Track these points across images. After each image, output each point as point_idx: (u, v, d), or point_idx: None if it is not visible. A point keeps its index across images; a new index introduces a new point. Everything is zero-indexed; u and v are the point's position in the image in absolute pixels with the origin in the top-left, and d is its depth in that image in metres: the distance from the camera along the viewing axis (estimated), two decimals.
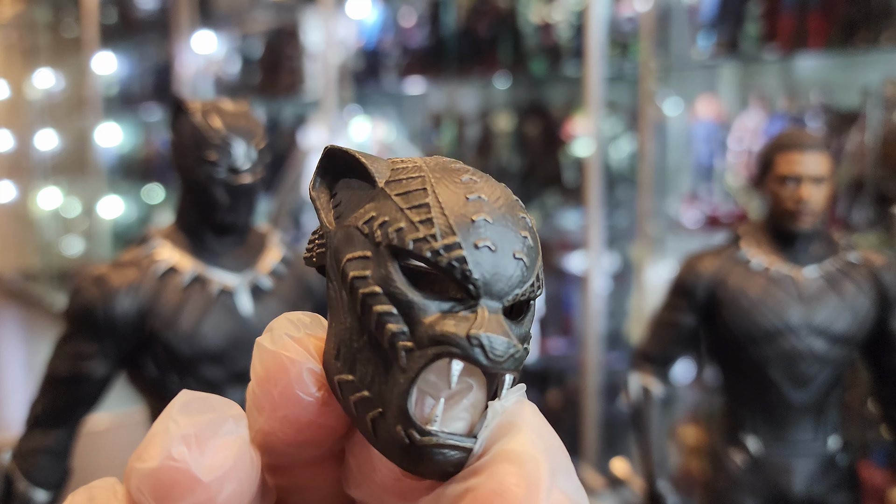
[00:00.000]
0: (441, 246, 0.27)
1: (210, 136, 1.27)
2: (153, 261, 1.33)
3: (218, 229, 1.33)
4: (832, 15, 2.31)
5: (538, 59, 3.10)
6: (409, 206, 0.27)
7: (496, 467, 0.25)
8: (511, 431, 0.26)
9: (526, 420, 0.27)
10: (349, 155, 0.30)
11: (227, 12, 4.68)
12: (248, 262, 1.36)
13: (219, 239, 1.35)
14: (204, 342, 1.31)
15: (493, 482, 0.25)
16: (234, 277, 1.34)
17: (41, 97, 6.54)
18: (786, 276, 1.54)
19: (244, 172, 1.28)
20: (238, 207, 1.30)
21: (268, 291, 1.36)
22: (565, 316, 3.21)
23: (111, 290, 1.29)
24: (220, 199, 1.29)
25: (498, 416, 0.27)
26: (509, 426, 0.27)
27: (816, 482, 1.54)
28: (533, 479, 0.25)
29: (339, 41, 3.79)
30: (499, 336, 0.26)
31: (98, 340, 1.29)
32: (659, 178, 2.75)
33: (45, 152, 6.40)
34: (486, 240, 0.27)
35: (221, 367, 1.33)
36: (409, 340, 0.26)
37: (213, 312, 1.32)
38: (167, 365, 1.31)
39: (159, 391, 1.33)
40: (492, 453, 0.26)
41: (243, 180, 1.28)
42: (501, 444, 0.26)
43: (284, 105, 4.51)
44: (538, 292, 0.29)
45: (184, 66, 4.83)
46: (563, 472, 0.26)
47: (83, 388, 1.31)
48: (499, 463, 0.25)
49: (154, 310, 1.30)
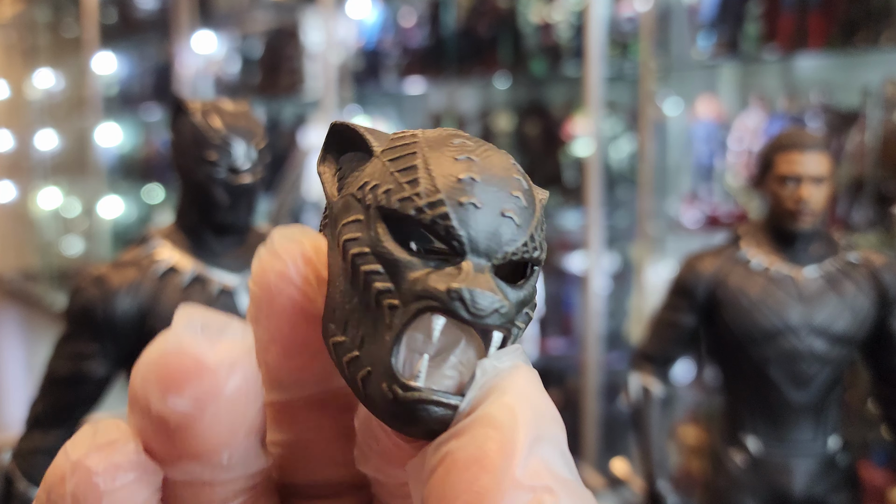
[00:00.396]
0: (425, 203, 0.27)
1: (210, 136, 1.27)
2: (153, 261, 1.33)
3: (218, 229, 1.34)
4: (832, 15, 2.31)
5: (538, 59, 3.10)
6: (398, 169, 0.28)
7: (476, 431, 0.24)
8: (497, 393, 0.25)
9: (516, 383, 0.25)
10: (352, 129, 0.30)
11: (227, 12, 4.68)
12: (248, 262, 1.36)
13: (219, 239, 1.35)
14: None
15: (472, 447, 0.24)
16: (234, 277, 1.35)
17: (41, 97, 6.54)
18: (786, 276, 1.54)
19: (244, 172, 1.28)
20: (238, 207, 1.31)
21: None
22: (565, 316, 3.21)
23: (111, 290, 1.29)
24: (220, 199, 1.29)
25: (487, 375, 0.26)
26: (498, 388, 0.25)
27: (816, 482, 1.54)
28: (510, 445, 0.24)
29: (339, 41, 3.79)
30: (482, 290, 0.26)
31: (98, 340, 1.29)
32: (659, 178, 2.75)
33: (45, 152, 6.40)
34: (472, 197, 0.27)
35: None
36: (394, 298, 0.26)
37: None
38: None
39: None
40: (474, 416, 0.25)
41: (243, 180, 1.28)
42: (484, 407, 0.25)
43: (284, 105, 4.51)
44: (536, 255, 0.28)
45: (184, 66, 4.83)
46: (549, 441, 0.24)
47: (83, 388, 1.31)
48: (479, 427, 0.24)
49: (154, 310, 1.30)
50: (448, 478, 0.24)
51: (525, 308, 0.28)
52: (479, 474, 0.24)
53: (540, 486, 0.23)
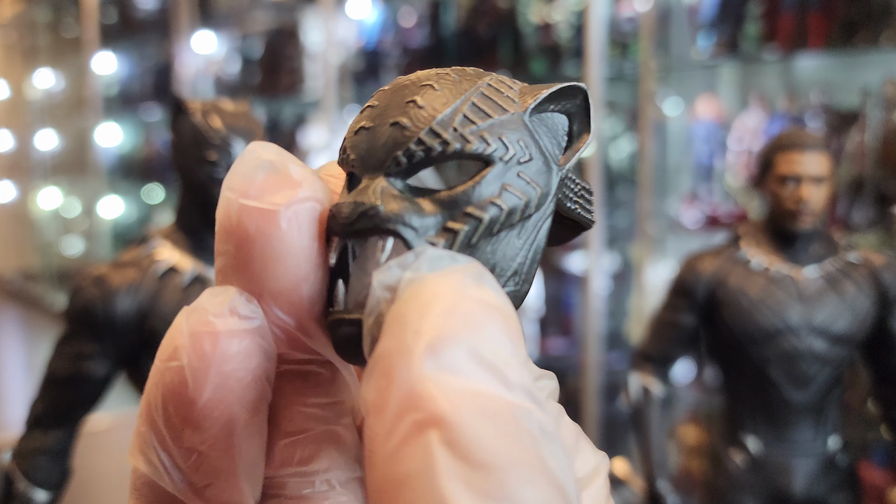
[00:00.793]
0: (341, 152, 0.28)
1: (210, 136, 1.27)
2: (153, 261, 1.33)
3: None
4: (832, 15, 2.31)
5: (538, 59, 3.10)
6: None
7: (379, 344, 0.22)
8: (391, 304, 0.23)
9: (408, 289, 0.22)
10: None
11: (227, 12, 4.68)
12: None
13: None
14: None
15: (367, 369, 0.21)
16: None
17: (41, 97, 6.54)
18: (786, 276, 1.54)
19: None
20: None
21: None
22: (565, 316, 3.21)
23: (111, 291, 1.29)
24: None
25: (383, 285, 0.23)
26: (397, 296, 0.23)
27: (816, 482, 1.54)
28: (390, 363, 0.21)
29: (339, 41, 3.79)
30: (349, 201, 0.26)
31: (98, 340, 1.30)
32: (659, 178, 2.75)
33: (45, 152, 6.40)
34: (364, 121, 0.28)
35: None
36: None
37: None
38: None
39: None
40: (368, 330, 0.23)
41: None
42: (381, 319, 0.23)
43: (284, 105, 4.51)
44: (451, 148, 0.26)
45: (184, 66, 4.83)
46: (458, 342, 0.20)
47: (83, 388, 1.31)
48: (373, 344, 0.23)
49: (154, 310, 1.30)
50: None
51: (462, 208, 0.26)
52: (367, 409, 0.21)
53: (424, 418, 0.19)
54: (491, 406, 0.20)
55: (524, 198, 0.27)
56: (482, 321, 0.21)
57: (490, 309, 0.21)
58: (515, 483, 0.19)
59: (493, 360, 0.20)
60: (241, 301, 0.25)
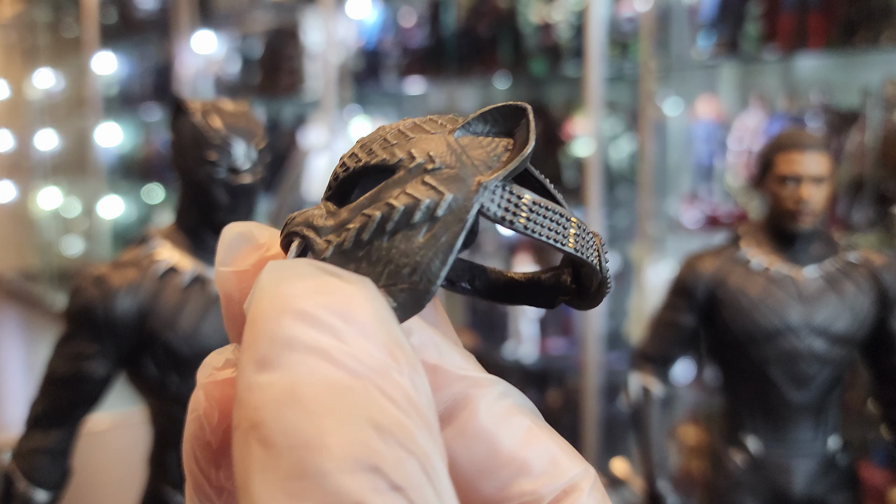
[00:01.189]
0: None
1: (210, 136, 1.28)
2: (153, 261, 1.33)
3: (218, 229, 1.32)
4: (832, 15, 2.31)
5: (538, 59, 3.10)
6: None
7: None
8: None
9: (261, 277, 0.24)
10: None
11: (227, 12, 4.68)
12: None
13: (218, 238, 1.34)
14: (204, 342, 1.32)
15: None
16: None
17: (41, 97, 6.54)
18: (786, 276, 1.54)
19: (244, 172, 1.29)
20: (238, 207, 1.31)
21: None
22: (565, 316, 3.21)
23: (111, 291, 1.29)
24: (220, 198, 1.29)
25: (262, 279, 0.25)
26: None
27: (816, 482, 1.54)
28: (246, 353, 0.23)
29: (339, 41, 3.79)
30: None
31: (98, 340, 1.30)
32: (659, 178, 2.75)
33: (45, 152, 6.40)
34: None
35: None
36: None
37: (213, 313, 1.33)
38: (167, 365, 1.32)
39: (159, 391, 1.34)
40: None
41: (243, 180, 1.29)
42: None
43: (284, 105, 4.51)
44: (356, 164, 0.30)
45: (184, 66, 4.83)
46: (307, 319, 0.22)
47: (83, 388, 1.31)
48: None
49: (154, 310, 1.30)
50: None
51: (362, 210, 0.28)
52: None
53: (247, 426, 0.21)
54: (305, 392, 0.21)
55: (425, 200, 0.27)
56: (304, 312, 0.22)
57: (318, 298, 0.23)
58: (314, 458, 0.20)
59: (316, 345, 0.22)
60: (236, 352, 0.28)
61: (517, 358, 3.25)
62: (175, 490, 1.36)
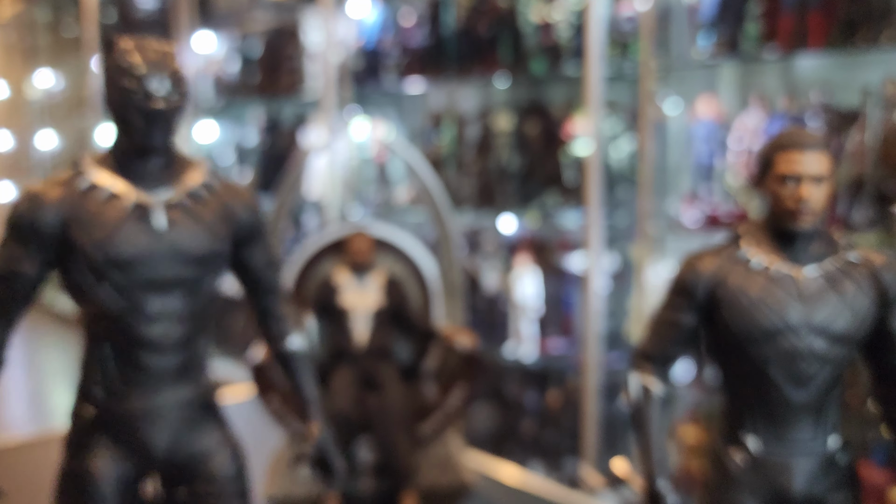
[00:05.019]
0: None
1: (128, 68, 1.51)
2: (79, 179, 1.58)
3: (139, 152, 1.57)
4: (832, 15, 2.31)
5: (538, 59, 3.10)
6: None
7: None
8: None
9: None
10: None
11: (227, 12, 4.68)
12: (166, 183, 1.58)
13: (141, 161, 1.57)
14: (115, 250, 1.53)
15: None
16: (151, 195, 1.57)
17: (41, 97, 6.54)
18: (786, 276, 1.54)
19: (157, 98, 1.50)
20: (152, 131, 1.52)
21: (184, 210, 1.58)
22: (565, 316, 3.21)
23: (39, 203, 1.55)
24: (136, 123, 1.52)
25: None
26: None
27: (816, 481, 1.54)
28: None
29: (339, 41, 3.79)
30: None
31: (27, 245, 1.56)
32: (659, 178, 2.75)
33: (45, 152, 6.40)
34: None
35: (132, 274, 1.54)
36: None
37: (127, 225, 1.54)
38: (84, 269, 1.55)
39: (82, 293, 1.58)
40: None
41: (156, 105, 1.50)
42: None
43: (284, 105, 4.50)
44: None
45: (184, 66, 4.82)
46: None
47: (17, 285, 1.57)
48: None
49: (76, 220, 1.55)
50: None
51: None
52: None
53: None
54: None
55: None
56: None
57: None
58: None
59: None
60: None
61: (517, 358, 3.25)
62: (98, 386, 1.58)
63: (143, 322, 1.54)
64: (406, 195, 3.69)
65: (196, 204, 1.58)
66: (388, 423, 2.66)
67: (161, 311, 1.55)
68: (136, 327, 1.54)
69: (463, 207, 3.37)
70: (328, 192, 3.85)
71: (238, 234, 1.64)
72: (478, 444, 3.31)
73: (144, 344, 1.55)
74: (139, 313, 1.54)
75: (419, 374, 2.88)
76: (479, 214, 3.42)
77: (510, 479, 3.17)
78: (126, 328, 1.54)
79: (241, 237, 1.64)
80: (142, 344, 1.55)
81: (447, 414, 2.81)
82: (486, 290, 3.38)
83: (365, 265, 2.83)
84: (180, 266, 1.55)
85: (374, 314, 2.81)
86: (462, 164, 3.46)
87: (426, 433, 2.80)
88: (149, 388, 1.57)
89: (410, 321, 2.86)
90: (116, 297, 1.54)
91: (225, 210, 1.61)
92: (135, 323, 1.54)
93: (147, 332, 1.55)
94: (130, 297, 1.53)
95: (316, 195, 3.99)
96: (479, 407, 3.38)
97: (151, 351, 1.55)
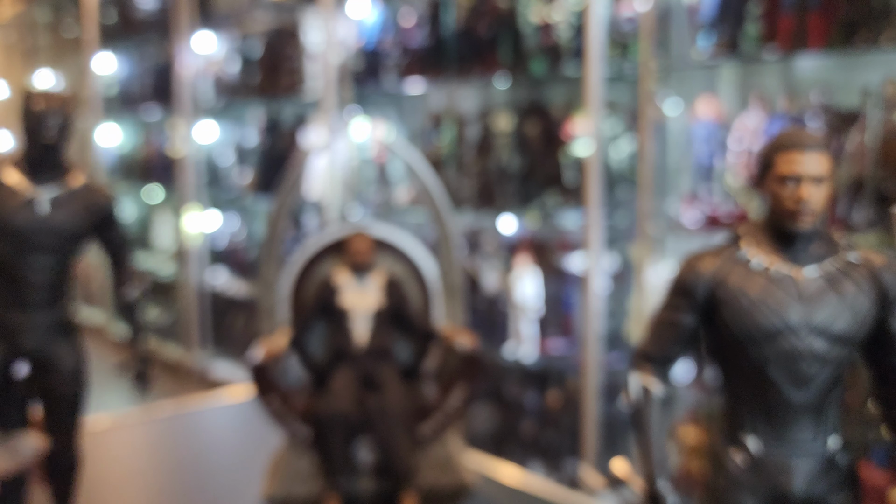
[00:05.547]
0: None
1: (28, 113, 2.36)
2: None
3: (40, 163, 2.37)
4: (832, 15, 2.31)
5: (538, 59, 3.10)
6: None
7: None
8: None
9: None
10: None
11: (227, 12, 4.68)
12: (52, 183, 2.37)
13: (38, 167, 2.37)
14: (8, 228, 2.32)
15: None
16: (38, 190, 2.36)
17: None
18: (786, 276, 1.54)
19: (47, 134, 2.34)
20: (47, 153, 2.37)
21: (63, 203, 2.37)
22: (565, 316, 3.21)
23: None
24: (36, 148, 2.37)
25: None
26: None
27: (816, 482, 1.54)
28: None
29: (339, 41, 3.79)
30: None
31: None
32: (659, 178, 2.75)
33: None
34: None
35: (18, 244, 2.33)
36: None
37: (20, 211, 2.33)
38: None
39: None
40: None
41: (47, 139, 2.34)
42: None
43: (284, 105, 4.51)
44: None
45: (184, 66, 4.83)
46: None
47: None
48: None
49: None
50: None
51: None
52: None
53: None
54: None
55: None
56: None
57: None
58: None
59: None
60: None
61: (517, 358, 3.25)
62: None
63: (27, 271, 2.35)
64: (406, 195, 3.69)
65: (73, 199, 2.37)
66: (388, 423, 2.66)
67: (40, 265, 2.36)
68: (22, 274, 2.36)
69: (463, 208, 3.37)
70: (328, 192, 3.85)
71: (97, 222, 2.43)
72: (478, 444, 3.31)
73: (27, 284, 2.36)
74: (25, 266, 2.34)
75: (419, 374, 2.88)
76: (479, 215, 3.42)
77: (510, 479, 3.17)
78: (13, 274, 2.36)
79: (100, 222, 2.44)
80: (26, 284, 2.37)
81: (447, 414, 2.81)
82: (486, 291, 3.38)
83: (365, 265, 2.83)
84: (55, 239, 2.35)
85: (374, 314, 2.81)
86: (462, 164, 3.46)
87: (426, 433, 2.80)
88: (27, 309, 2.38)
89: (410, 321, 2.86)
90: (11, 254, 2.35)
91: (90, 205, 2.40)
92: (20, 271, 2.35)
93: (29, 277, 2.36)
94: (11, 259, 2.34)
95: (316, 195, 3.99)
96: (479, 407, 3.38)
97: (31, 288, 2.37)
